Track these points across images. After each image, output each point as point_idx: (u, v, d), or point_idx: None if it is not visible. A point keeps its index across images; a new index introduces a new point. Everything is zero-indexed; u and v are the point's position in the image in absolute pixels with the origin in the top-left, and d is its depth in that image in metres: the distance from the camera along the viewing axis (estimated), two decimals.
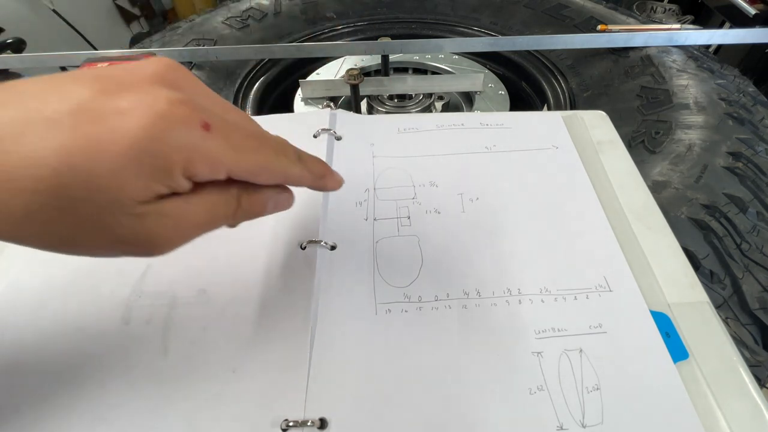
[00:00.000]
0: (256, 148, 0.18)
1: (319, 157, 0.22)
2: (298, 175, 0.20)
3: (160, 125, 0.14)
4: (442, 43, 0.64)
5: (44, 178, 0.14)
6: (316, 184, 0.21)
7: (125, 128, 0.14)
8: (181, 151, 0.15)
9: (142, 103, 0.15)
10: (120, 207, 0.15)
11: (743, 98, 0.54)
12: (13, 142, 0.13)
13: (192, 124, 0.15)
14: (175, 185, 0.15)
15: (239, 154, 0.17)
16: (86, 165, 0.14)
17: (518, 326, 0.24)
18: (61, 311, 0.24)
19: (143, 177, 0.15)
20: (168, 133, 0.15)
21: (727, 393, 0.22)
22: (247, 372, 0.22)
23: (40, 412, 0.21)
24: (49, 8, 1.43)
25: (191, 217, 0.17)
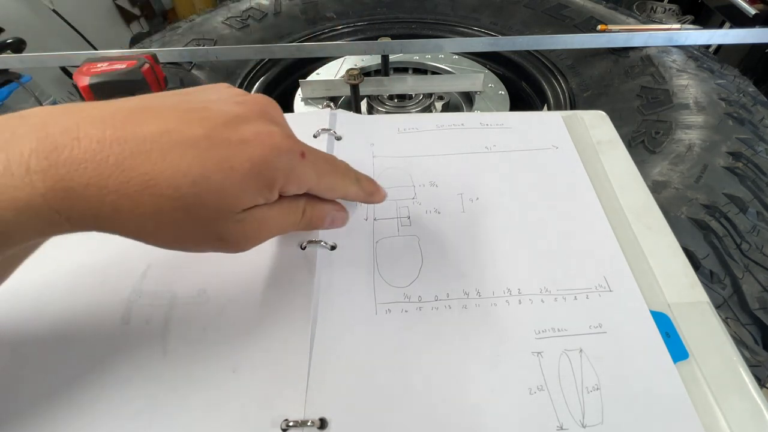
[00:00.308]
0: (330, 172, 0.23)
1: (369, 177, 0.27)
2: (355, 193, 0.25)
3: (273, 153, 0.19)
4: (442, 43, 0.64)
5: (182, 186, 0.17)
6: (367, 199, 0.27)
7: (249, 154, 0.18)
8: (284, 173, 0.20)
9: (261, 135, 0.19)
10: (231, 213, 0.19)
11: (743, 98, 0.54)
12: (159, 156, 0.17)
13: (294, 154, 0.20)
14: (271, 198, 0.20)
15: (319, 177, 0.22)
16: (219, 179, 0.17)
17: (518, 326, 0.24)
18: (61, 311, 0.24)
19: (254, 191, 0.19)
20: (278, 160, 0.19)
21: (727, 393, 0.22)
22: (247, 372, 0.22)
23: (40, 411, 0.21)
24: (49, 8, 1.43)
25: (270, 222, 0.21)
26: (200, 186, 0.17)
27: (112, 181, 0.16)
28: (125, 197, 0.16)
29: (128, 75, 0.54)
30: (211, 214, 0.18)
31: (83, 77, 0.54)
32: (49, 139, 0.16)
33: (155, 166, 0.16)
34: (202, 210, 0.18)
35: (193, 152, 0.17)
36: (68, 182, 0.16)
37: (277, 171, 0.19)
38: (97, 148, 0.16)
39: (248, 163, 0.18)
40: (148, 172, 0.16)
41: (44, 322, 0.24)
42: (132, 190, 0.16)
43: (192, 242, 0.19)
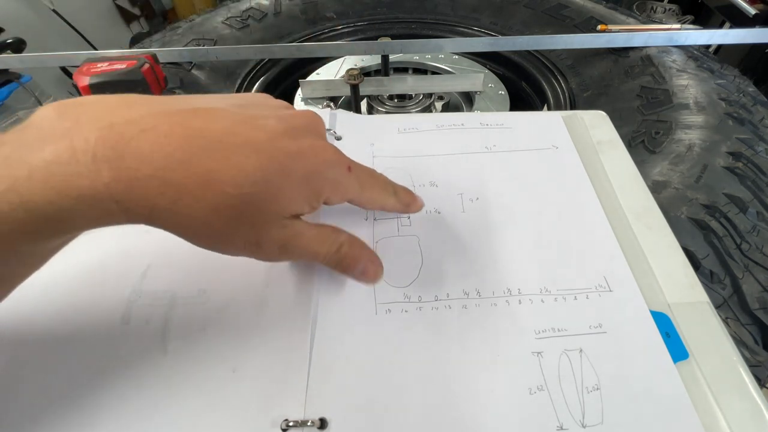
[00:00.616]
0: (372, 186, 0.24)
1: (406, 188, 0.27)
2: (392, 205, 0.26)
3: (325, 165, 0.20)
4: (442, 43, 0.64)
5: (244, 186, 0.17)
6: (405, 210, 0.27)
7: (304, 164, 0.19)
8: (331, 184, 0.21)
9: (315, 149, 0.20)
10: (278, 218, 0.19)
11: (743, 98, 0.54)
12: (224, 155, 0.17)
13: (342, 167, 0.22)
14: (316, 207, 0.21)
15: (362, 189, 0.23)
16: (278, 183, 0.18)
17: (518, 326, 0.24)
18: (61, 311, 0.24)
19: (304, 199, 0.20)
20: (328, 172, 0.21)
21: (727, 393, 0.22)
22: (247, 372, 0.22)
23: (39, 411, 0.21)
24: (49, 8, 1.43)
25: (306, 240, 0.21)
26: (259, 187, 0.18)
27: (176, 175, 0.16)
28: (186, 192, 0.17)
29: (128, 75, 0.54)
30: (262, 216, 0.19)
31: (83, 77, 0.54)
32: (115, 129, 0.16)
33: (219, 164, 0.17)
34: (256, 211, 0.18)
35: (257, 155, 0.18)
36: (134, 172, 0.16)
37: (326, 181, 0.21)
38: (164, 142, 0.16)
39: (302, 170, 0.19)
40: (213, 170, 0.17)
41: (44, 322, 0.24)
42: (193, 185, 0.17)
43: (232, 244, 0.20)
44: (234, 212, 0.18)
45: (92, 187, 0.15)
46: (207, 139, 0.17)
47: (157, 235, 0.28)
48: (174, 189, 0.16)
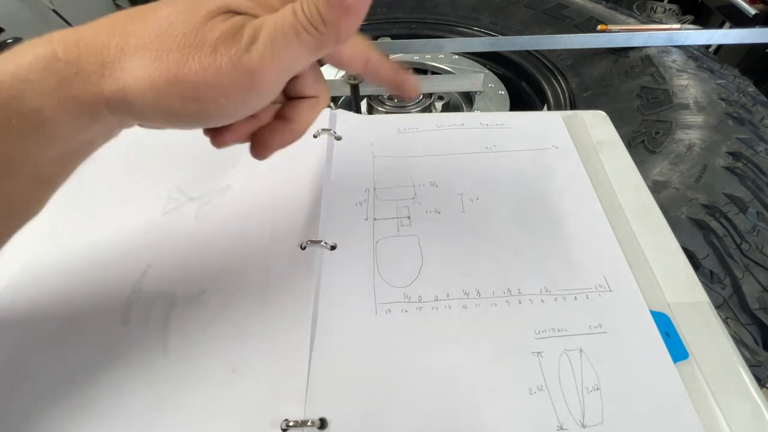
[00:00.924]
0: None
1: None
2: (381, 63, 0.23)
3: None
4: (442, 43, 0.64)
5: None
6: (394, 79, 0.24)
7: None
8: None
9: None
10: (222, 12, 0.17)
11: (743, 98, 0.54)
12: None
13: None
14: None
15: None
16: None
17: (518, 326, 0.24)
18: (61, 311, 0.24)
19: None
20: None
21: (727, 393, 0.22)
22: (247, 372, 0.22)
23: (40, 411, 0.21)
24: (49, 8, 1.43)
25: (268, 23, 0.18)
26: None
27: (118, 29, 0.18)
28: (132, 36, 0.17)
29: None
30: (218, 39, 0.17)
31: None
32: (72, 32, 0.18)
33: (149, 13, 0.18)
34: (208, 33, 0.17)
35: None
36: (80, 35, 0.17)
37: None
38: (107, 20, 0.18)
39: None
40: (148, 12, 0.18)
41: (44, 321, 0.24)
42: (138, 30, 0.17)
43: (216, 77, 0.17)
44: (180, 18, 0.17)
45: (45, 52, 0.17)
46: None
47: (157, 235, 0.28)
48: (118, 37, 0.17)
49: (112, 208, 0.29)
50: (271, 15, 0.18)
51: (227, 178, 0.31)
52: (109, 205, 0.30)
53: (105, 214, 0.29)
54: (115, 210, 0.29)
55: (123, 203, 0.30)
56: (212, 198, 0.30)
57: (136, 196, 0.30)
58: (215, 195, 0.30)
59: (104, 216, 0.29)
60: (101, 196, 0.30)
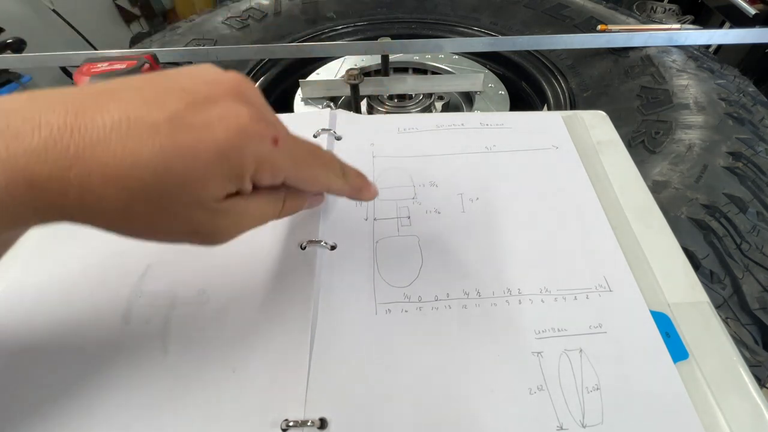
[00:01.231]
0: (311, 163, 0.21)
1: (359, 170, 0.25)
2: (339, 188, 0.23)
3: (242, 138, 0.17)
4: (442, 43, 0.64)
5: (145, 178, 0.16)
6: (354, 195, 0.25)
7: (213, 139, 0.17)
8: (255, 160, 0.18)
9: (227, 118, 0.17)
10: (200, 203, 0.17)
11: (743, 98, 0.54)
12: (119, 146, 0.15)
13: (265, 139, 0.18)
14: (244, 188, 0.19)
15: (297, 167, 0.20)
16: (182, 168, 0.16)
17: (518, 326, 0.24)
18: (61, 311, 0.24)
19: (223, 179, 0.17)
20: (247, 145, 0.17)
21: (727, 393, 0.22)
22: (247, 372, 0.22)
23: (40, 411, 0.21)
24: (49, 8, 1.43)
25: (248, 215, 0.20)
26: (162, 177, 0.16)
27: (73, 173, 0.15)
28: (88, 191, 0.15)
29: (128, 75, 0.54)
30: (178, 206, 0.17)
31: (83, 77, 0.54)
32: (10, 129, 0.15)
33: (115, 157, 0.15)
34: (169, 202, 0.17)
35: (154, 140, 0.16)
36: (30, 174, 0.15)
37: (245, 158, 0.18)
38: (57, 137, 0.15)
39: (213, 149, 0.17)
40: (108, 164, 0.15)
41: (45, 322, 0.24)
42: (94, 183, 0.15)
43: (165, 235, 0.18)
44: (148, 206, 0.16)
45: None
46: (101, 129, 0.15)
47: None
48: (76, 188, 0.15)
49: None
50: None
51: None
52: None
53: None
54: None
55: None
56: None
57: None
58: None
59: None
60: None
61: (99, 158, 0.15)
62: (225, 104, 0.18)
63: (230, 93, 0.18)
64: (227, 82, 0.19)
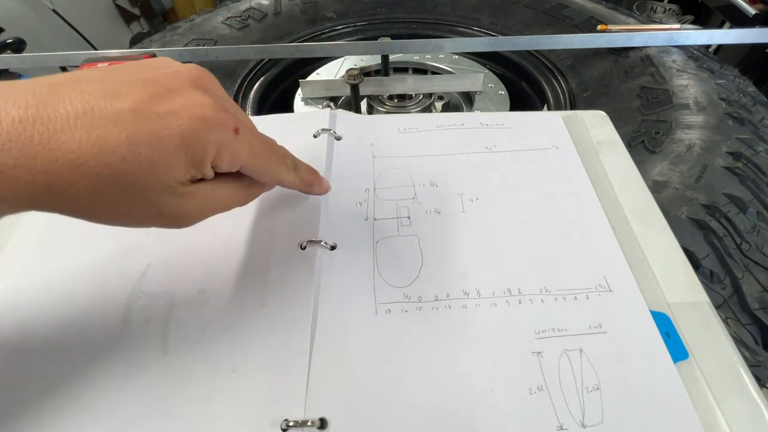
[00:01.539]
0: (266, 155, 0.22)
1: (311, 167, 0.26)
2: (291, 182, 0.25)
3: (205, 125, 0.18)
4: (442, 43, 0.64)
5: (113, 164, 0.17)
6: (305, 189, 0.26)
7: (179, 126, 0.18)
8: (216, 147, 0.19)
9: (190, 107, 0.18)
10: (167, 188, 0.18)
11: (743, 98, 0.54)
12: (84, 135, 0.16)
13: (228, 128, 0.19)
14: (205, 173, 0.20)
15: (254, 157, 0.21)
16: (149, 154, 0.17)
17: (518, 326, 0.24)
18: (61, 311, 0.24)
19: (187, 165, 0.18)
20: (209, 132, 0.19)
21: (727, 393, 0.22)
22: (247, 372, 0.22)
23: (39, 411, 0.21)
24: (49, 8, 1.42)
25: (214, 199, 0.21)
26: (130, 162, 0.17)
27: (39, 161, 0.16)
28: (55, 177, 0.16)
29: None
30: (146, 190, 0.18)
31: None
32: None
33: (81, 145, 0.16)
34: (137, 186, 0.17)
35: (120, 128, 0.17)
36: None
37: (207, 144, 0.19)
38: (20, 128, 0.15)
39: (178, 135, 0.18)
40: (75, 151, 0.16)
41: (44, 322, 0.24)
42: (61, 169, 0.16)
43: (133, 219, 0.19)
44: (116, 191, 0.17)
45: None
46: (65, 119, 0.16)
47: (157, 235, 0.28)
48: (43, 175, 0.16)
49: None
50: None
51: None
52: None
53: None
54: None
55: None
56: None
57: None
58: None
59: None
60: None
61: (64, 146, 0.16)
62: (188, 94, 0.19)
63: (192, 84, 0.19)
64: (188, 73, 0.20)
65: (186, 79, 0.19)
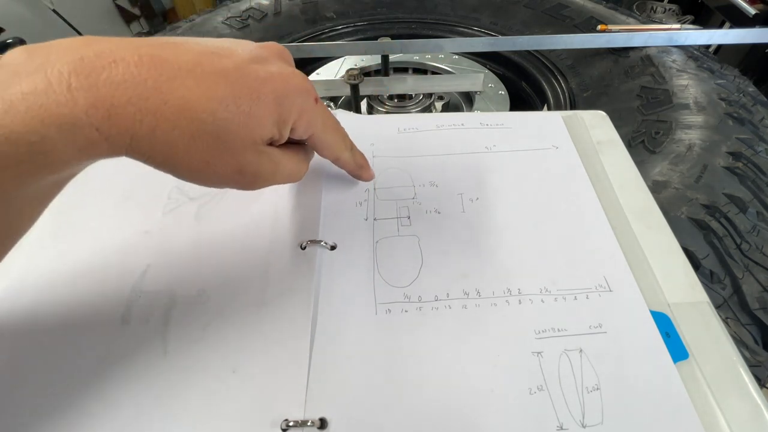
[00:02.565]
0: (334, 129, 0.25)
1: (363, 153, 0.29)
2: (346, 160, 0.27)
3: (294, 90, 0.21)
4: (442, 43, 0.64)
5: (217, 111, 0.18)
6: (355, 171, 0.29)
7: (273, 87, 0.20)
8: (298, 111, 0.21)
9: (283, 73, 0.21)
10: (253, 143, 0.20)
11: (743, 98, 0.54)
12: (194, 84, 0.18)
13: (310, 95, 0.22)
14: (284, 133, 0.22)
15: (324, 128, 0.24)
16: (247, 107, 0.19)
17: (518, 326, 0.24)
18: (61, 311, 0.24)
19: (275, 122, 0.20)
20: (297, 96, 0.21)
21: (727, 393, 0.22)
22: (247, 372, 0.22)
23: (39, 411, 0.21)
24: (49, 8, 1.42)
25: (282, 165, 0.22)
26: (231, 111, 0.19)
27: (150, 103, 0.17)
28: (163, 119, 0.17)
29: None
30: (236, 141, 0.19)
31: None
32: (85, 61, 0.16)
33: (191, 92, 0.18)
34: (230, 135, 0.19)
35: (226, 81, 0.19)
36: (110, 100, 0.16)
37: (293, 106, 0.21)
38: (135, 72, 0.17)
39: (272, 94, 0.20)
40: (185, 96, 0.17)
41: (44, 321, 0.24)
42: (169, 112, 0.17)
43: (215, 173, 0.20)
44: (212, 139, 0.19)
45: (72, 114, 0.16)
46: (176, 68, 0.18)
47: (157, 235, 0.28)
48: (151, 116, 0.17)
49: (112, 208, 0.29)
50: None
51: None
52: (109, 204, 0.30)
53: (105, 214, 0.29)
54: (115, 209, 0.29)
55: (123, 203, 0.30)
56: (212, 198, 0.30)
57: (136, 196, 0.30)
58: (215, 195, 0.30)
59: (104, 216, 0.29)
60: (101, 195, 0.30)
61: (176, 92, 0.17)
62: (278, 63, 0.21)
63: (279, 56, 0.22)
64: (275, 46, 0.22)
65: (275, 51, 0.22)
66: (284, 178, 0.23)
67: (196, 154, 0.19)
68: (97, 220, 0.29)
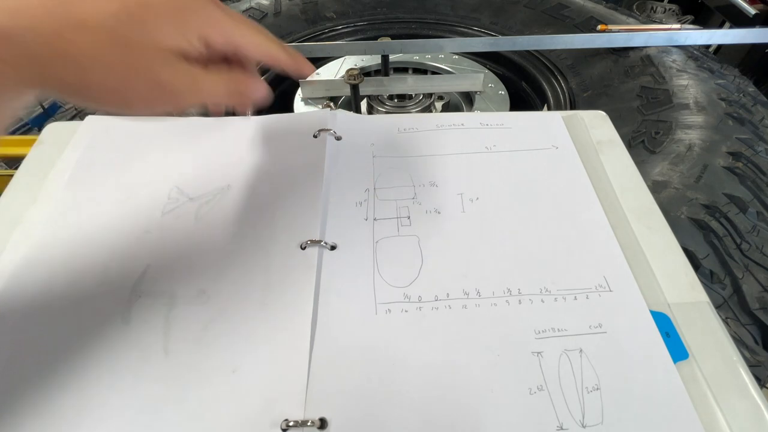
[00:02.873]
0: (256, 30, 0.24)
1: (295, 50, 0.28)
2: (281, 57, 0.26)
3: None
4: (442, 43, 0.64)
5: (106, 21, 0.19)
6: (294, 66, 0.27)
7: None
8: (204, 18, 0.21)
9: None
10: (159, 51, 0.20)
11: (743, 98, 0.54)
12: (91, 4, 0.18)
13: (211, 2, 0.22)
14: (196, 45, 0.21)
15: (244, 31, 0.23)
16: (138, 12, 0.19)
17: (518, 326, 0.24)
18: (61, 311, 0.24)
19: (174, 29, 0.20)
20: (195, 4, 0.21)
21: (727, 393, 0.22)
22: (247, 372, 0.22)
23: (39, 411, 0.21)
24: None
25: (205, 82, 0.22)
26: (122, 20, 0.19)
27: (47, 25, 0.17)
28: (63, 40, 0.18)
29: None
30: (141, 51, 0.19)
31: None
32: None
33: (81, 7, 0.18)
34: (133, 47, 0.19)
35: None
36: (7, 30, 0.17)
37: (195, 13, 0.21)
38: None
39: (166, 4, 0.20)
40: (76, 13, 0.18)
41: (44, 321, 0.24)
42: (67, 31, 0.18)
43: (132, 87, 0.20)
44: (114, 51, 0.19)
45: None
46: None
47: (157, 235, 0.28)
48: (52, 37, 0.18)
49: (112, 208, 0.29)
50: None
51: (227, 178, 0.31)
52: (109, 205, 0.30)
53: (105, 214, 0.29)
54: (115, 210, 0.29)
55: (123, 203, 0.30)
56: (212, 198, 0.30)
57: (136, 196, 0.30)
58: (215, 195, 0.30)
59: (104, 216, 0.29)
60: (101, 196, 0.30)
61: (67, 9, 0.18)
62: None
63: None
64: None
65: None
66: (208, 96, 0.23)
67: (107, 70, 0.19)
68: (97, 221, 0.29)
